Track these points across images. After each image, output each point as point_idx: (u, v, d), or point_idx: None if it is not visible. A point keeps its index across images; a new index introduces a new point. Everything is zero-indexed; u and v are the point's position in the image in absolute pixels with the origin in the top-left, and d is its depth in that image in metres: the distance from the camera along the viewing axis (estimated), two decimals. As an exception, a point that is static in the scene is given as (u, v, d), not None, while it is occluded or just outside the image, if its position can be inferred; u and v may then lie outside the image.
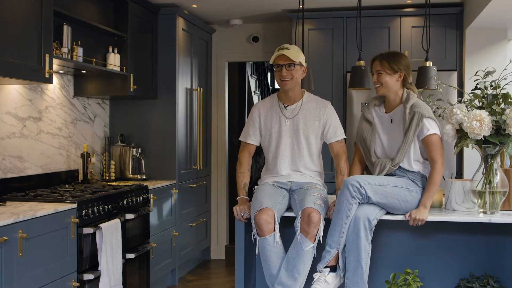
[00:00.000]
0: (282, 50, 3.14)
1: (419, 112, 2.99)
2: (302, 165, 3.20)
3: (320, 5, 5.18)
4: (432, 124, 3.00)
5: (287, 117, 3.22)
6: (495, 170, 2.98)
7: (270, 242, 2.93)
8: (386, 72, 3.07)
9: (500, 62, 4.69)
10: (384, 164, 3.06)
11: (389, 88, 3.09)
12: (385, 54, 3.13)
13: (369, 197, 2.88)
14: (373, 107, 3.21)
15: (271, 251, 2.93)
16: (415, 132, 2.99)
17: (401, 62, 3.07)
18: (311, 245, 2.90)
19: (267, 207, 2.95)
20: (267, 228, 2.92)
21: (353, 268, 2.85)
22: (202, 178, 5.83)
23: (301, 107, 3.23)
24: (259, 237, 2.95)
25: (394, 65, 3.06)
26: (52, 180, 4.15)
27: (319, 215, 2.90)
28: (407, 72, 3.09)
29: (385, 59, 3.09)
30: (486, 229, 3.07)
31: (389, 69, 3.06)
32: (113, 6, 4.60)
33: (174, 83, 5.11)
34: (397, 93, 3.10)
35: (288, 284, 2.89)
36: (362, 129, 3.19)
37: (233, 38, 6.18)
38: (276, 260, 2.94)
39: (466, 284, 3.02)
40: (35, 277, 2.98)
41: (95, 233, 3.48)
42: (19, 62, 3.22)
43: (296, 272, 2.89)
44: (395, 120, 3.10)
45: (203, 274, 5.61)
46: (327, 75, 5.30)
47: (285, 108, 3.24)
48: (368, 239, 2.86)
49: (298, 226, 2.92)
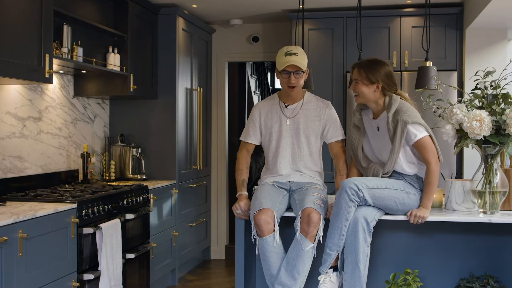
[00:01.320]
0: (290, 57, 3.08)
1: (401, 119, 2.91)
2: (302, 164, 3.20)
3: (320, 5, 5.18)
4: (418, 128, 2.93)
5: (288, 116, 3.22)
6: (495, 170, 2.98)
7: (269, 242, 2.93)
8: (363, 83, 3.00)
9: (500, 62, 4.69)
10: (376, 171, 3.03)
11: (366, 98, 3.02)
12: (364, 62, 3.05)
13: (367, 200, 2.88)
14: (362, 111, 3.17)
15: (271, 251, 2.93)
16: (401, 141, 2.92)
17: (379, 72, 2.98)
18: (311, 245, 2.90)
19: (267, 207, 2.95)
20: (266, 228, 2.92)
21: (351, 270, 2.85)
22: (202, 178, 5.83)
23: (301, 106, 3.23)
24: (258, 237, 2.95)
25: (371, 76, 2.98)
26: (52, 180, 4.15)
27: (319, 215, 2.90)
28: (387, 81, 2.99)
29: (362, 68, 3.01)
30: (486, 229, 3.07)
31: (365, 79, 2.99)
32: (113, 6, 4.60)
33: (174, 83, 5.11)
34: (377, 102, 3.04)
35: (288, 284, 2.89)
36: (350, 135, 3.17)
37: (233, 38, 6.18)
38: (276, 260, 2.94)
39: (466, 284, 3.02)
40: (35, 277, 2.98)
41: (95, 233, 3.48)
42: (19, 62, 3.22)
43: (296, 272, 2.89)
44: (381, 127, 3.04)
45: (203, 274, 5.61)
46: (327, 75, 5.30)
47: (286, 107, 3.24)
48: (366, 241, 2.85)
49: (298, 226, 2.92)
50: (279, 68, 3.14)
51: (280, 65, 3.12)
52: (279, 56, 3.15)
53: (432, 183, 2.93)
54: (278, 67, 3.14)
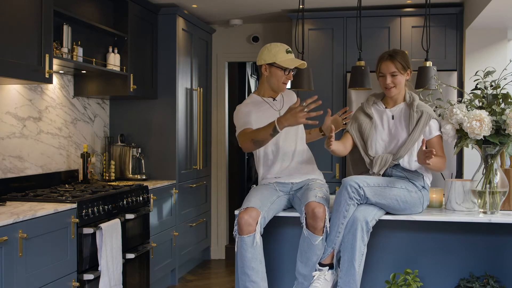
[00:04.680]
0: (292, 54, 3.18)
1: (427, 112, 3.05)
2: (299, 156, 3.22)
3: (320, 5, 5.18)
4: (438, 126, 3.09)
5: (278, 109, 3.25)
6: (495, 170, 2.98)
7: (247, 242, 2.92)
8: (400, 73, 3.07)
9: (500, 62, 4.69)
10: (386, 158, 3.06)
11: (402, 88, 3.12)
12: (394, 54, 3.10)
13: (368, 198, 2.88)
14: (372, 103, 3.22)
15: (247, 251, 2.93)
16: (422, 131, 3.03)
17: (408, 60, 3.11)
18: (320, 238, 2.91)
19: (253, 207, 2.94)
20: (246, 228, 2.92)
21: (346, 268, 2.86)
22: (202, 178, 5.83)
23: (283, 98, 3.30)
24: (238, 235, 2.96)
25: (405, 64, 3.08)
26: (52, 180, 4.15)
27: (323, 208, 2.90)
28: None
29: (397, 60, 3.07)
30: (486, 229, 3.07)
31: (402, 69, 3.07)
32: (113, 6, 4.60)
33: (174, 83, 5.11)
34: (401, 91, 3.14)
35: (306, 274, 2.95)
36: (361, 123, 3.17)
37: (233, 38, 6.18)
38: (250, 261, 2.93)
39: (466, 284, 3.02)
40: (35, 277, 2.98)
41: (95, 233, 3.48)
42: (19, 62, 3.22)
43: (311, 263, 2.93)
44: (397, 116, 3.11)
45: (203, 274, 5.61)
46: (327, 75, 5.30)
47: (273, 100, 3.27)
48: (364, 240, 2.85)
49: (304, 223, 2.92)
50: (283, 65, 3.14)
51: (286, 63, 3.15)
52: (278, 52, 3.15)
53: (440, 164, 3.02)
54: (282, 64, 3.15)
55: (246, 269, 2.94)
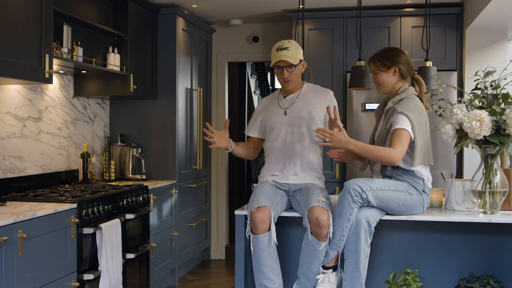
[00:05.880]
0: (281, 52, 3.14)
1: (394, 107, 2.98)
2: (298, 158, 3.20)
3: (320, 5, 5.18)
4: (402, 119, 2.93)
5: (284, 107, 3.25)
6: (495, 170, 2.98)
7: (263, 241, 2.93)
8: (380, 71, 3.07)
9: (500, 62, 4.69)
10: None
11: (388, 85, 3.09)
12: (377, 52, 3.13)
13: (370, 201, 2.89)
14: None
15: (263, 250, 2.94)
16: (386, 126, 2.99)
17: (392, 57, 3.06)
18: (324, 244, 2.91)
19: (265, 205, 2.95)
20: (261, 227, 2.92)
21: (351, 271, 2.86)
22: (202, 178, 5.83)
23: (298, 96, 3.26)
24: (252, 235, 2.95)
25: (386, 61, 3.05)
26: (52, 180, 4.15)
27: (327, 215, 2.89)
28: (403, 63, 3.06)
29: (376, 58, 3.09)
30: (486, 229, 3.07)
31: (381, 66, 3.07)
32: (113, 6, 4.60)
33: (174, 83, 5.11)
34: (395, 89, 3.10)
35: (309, 277, 2.96)
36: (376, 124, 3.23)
37: (233, 38, 6.18)
38: (266, 260, 2.94)
39: (466, 284, 3.02)
40: (35, 277, 2.98)
41: (95, 233, 3.48)
42: (19, 62, 3.22)
43: (314, 267, 2.94)
44: None
45: (203, 274, 5.61)
46: (327, 75, 5.30)
47: (284, 98, 3.27)
48: (367, 242, 2.86)
49: (308, 228, 2.92)
50: (271, 64, 3.20)
51: (272, 61, 3.19)
52: (272, 52, 3.21)
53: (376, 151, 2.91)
54: (271, 63, 3.20)
55: (262, 267, 2.95)
